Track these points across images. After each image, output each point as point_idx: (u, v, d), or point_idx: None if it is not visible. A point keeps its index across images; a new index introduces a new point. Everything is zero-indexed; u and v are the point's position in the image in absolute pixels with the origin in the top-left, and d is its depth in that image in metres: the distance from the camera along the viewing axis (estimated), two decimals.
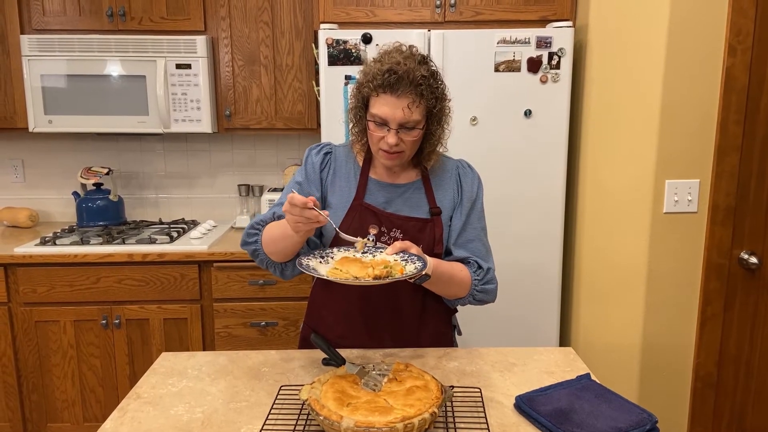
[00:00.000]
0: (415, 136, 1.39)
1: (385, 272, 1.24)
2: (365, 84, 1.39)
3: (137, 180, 3.07)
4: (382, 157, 1.42)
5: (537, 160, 2.41)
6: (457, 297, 1.49)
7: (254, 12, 2.62)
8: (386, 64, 1.35)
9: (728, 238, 2.13)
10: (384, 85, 1.34)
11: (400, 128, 1.36)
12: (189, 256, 2.48)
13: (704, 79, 2.06)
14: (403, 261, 1.32)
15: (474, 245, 1.50)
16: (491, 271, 1.50)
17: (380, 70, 1.35)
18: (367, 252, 1.37)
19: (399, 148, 1.39)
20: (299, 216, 1.25)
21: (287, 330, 2.56)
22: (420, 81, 1.34)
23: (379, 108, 1.36)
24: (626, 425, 1.13)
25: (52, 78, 2.58)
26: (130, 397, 1.30)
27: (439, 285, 1.42)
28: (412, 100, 1.34)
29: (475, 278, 1.46)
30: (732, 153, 2.08)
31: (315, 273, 1.27)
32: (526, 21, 2.50)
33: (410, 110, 1.34)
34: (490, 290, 1.49)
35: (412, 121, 1.36)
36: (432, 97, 1.37)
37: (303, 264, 1.31)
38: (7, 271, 2.46)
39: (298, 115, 2.71)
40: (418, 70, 1.34)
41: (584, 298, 2.46)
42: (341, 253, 1.38)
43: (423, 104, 1.36)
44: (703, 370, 2.23)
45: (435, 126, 1.43)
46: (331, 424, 1.06)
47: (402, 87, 1.33)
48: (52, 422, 2.57)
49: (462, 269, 1.45)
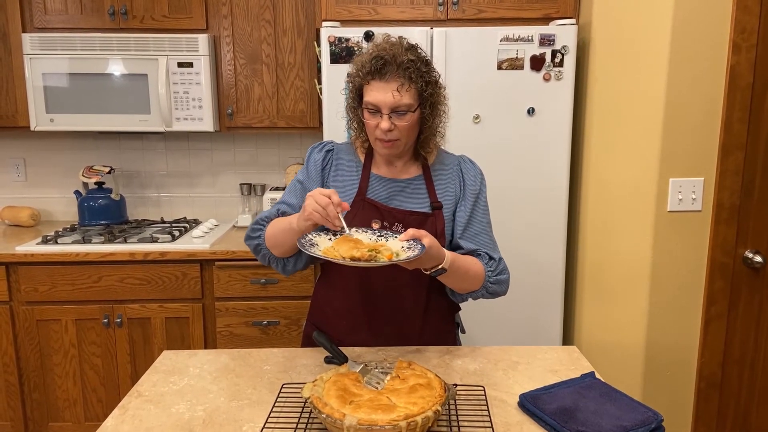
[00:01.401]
0: (408, 120, 1.40)
1: (367, 255, 1.22)
2: (356, 75, 1.43)
3: (139, 179, 3.07)
4: (380, 146, 1.44)
5: (540, 158, 2.40)
6: (471, 291, 1.47)
7: (256, 10, 2.62)
8: (374, 53, 1.39)
9: (733, 236, 2.12)
10: (372, 71, 1.38)
11: (392, 113, 1.38)
12: (191, 255, 2.47)
13: (708, 77, 2.05)
14: (409, 249, 1.29)
15: (481, 238, 1.50)
16: (503, 262, 1.50)
17: (368, 59, 1.39)
18: (383, 236, 1.36)
19: (394, 135, 1.40)
20: (323, 209, 1.28)
21: (289, 329, 2.55)
22: (407, 65, 1.37)
23: (370, 95, 1.39)
24: (631, 424, 1.12)
25: (53, 77, 2.57)
26: (132, 395, 1.29)
27: (454, 279, 1.42)
28: (401, 83, 1.36)
29: (488, 270, 1.46)
30: (736, 151, 2.07)
31: (308, 249, 1.27)
32: (529, 19, 2.49)
33: (399, 93, 1.36)
34: (503, 281, 1.49)
35: (403, 105, 1.37)
36: (421, 81, 1.39)
37: (306, 237, 1.31)
38: (9, 270, 2.46)
39: (300, 114, 2.71)
40: (404, 55, 1.37)
41: (588, 297, 2.45)
42: (352, 233, 1.37)
43: (413, 88, 1.38)
44: (707, 370, 2.22)
45: (428, 111, 1.43)
46: (333, 422, 1.05)
47: (389, 71, 1.36)
48: (54, 421, 2.57)
49: (476, 262, 1.45)
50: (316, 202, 1.29)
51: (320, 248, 1.30)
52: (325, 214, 1.28)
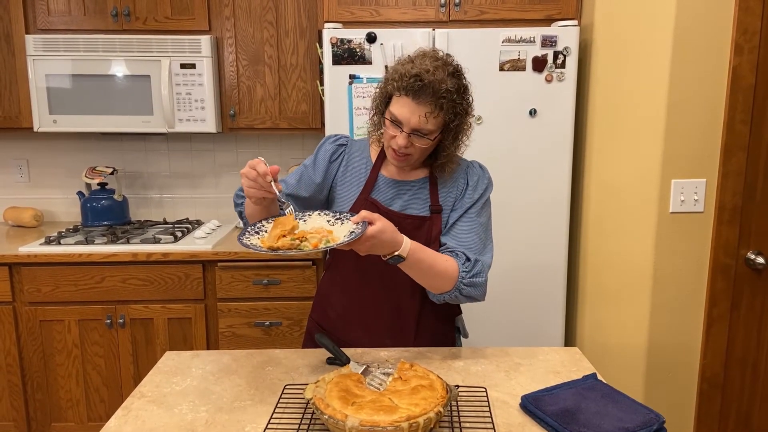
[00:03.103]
0: (426, 144, 1.39)
1: (288, 244, 1.21)
2: (391, 81, 1.39)
3: (142, 180, 3.07)
4: (391, 155, 1.44)
5: (542, 159, 2.40)
6: (442, 290, 1.40)
7: (258, 12, 2.62)
8: (416, 68, 1.34)
9: (735, 238, 2.12)
10: (407, 88, 1.34)
11: (412, 133, 1.37)
12: (193, 256, 2.48)
13: (711, 79, 2.05)
14: (351, 236, 1.22)
15: (468, 237, 1.45)
16: (480, 264, 1.41)
17: (408, 72, 1.34)
18: (339, 219, 1.33)
19: (408, 151, 1.40)
20: (253, 181, 1.28)
21: (291, 330, 2.56)
22: (444, 93, 1.33)
23: (398, 109, 1.36)
24: (633, 425, 1.12)
25: (56, 78, 2.58)
26: (134, 396, 1.29)
27: (417, 272, 1.36)
28: (430, 110, 1.34)
29: (462, 270, 1.38)
30: (738, 152, 2.07)
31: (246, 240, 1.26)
32: (531, 20, 2.49)
33: (426, 119, 1.35)
34: (479, 284, 1.40)
35: (426, 129, 1.36)
36: (452, 112, 1.37)
37: (246, 243, 1.27)
38: (12, 271, 2.46)
39: (303, 115, 2.71)
40: (444, 82, 1.33)
41: (589, 298, 2.45)
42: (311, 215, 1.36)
43: (441, 116, 1.36)
44: (710, 371, 2.22)
45: (449, 139, 1.42)
46: (335, 423, 1.05)
47: (424, 95, 1.33)
48: (57, 421, 2.57)
49: (447, 260, 1.39)
50: (247, 178, 1.28)
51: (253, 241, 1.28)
52: (258, 186, 1.28)
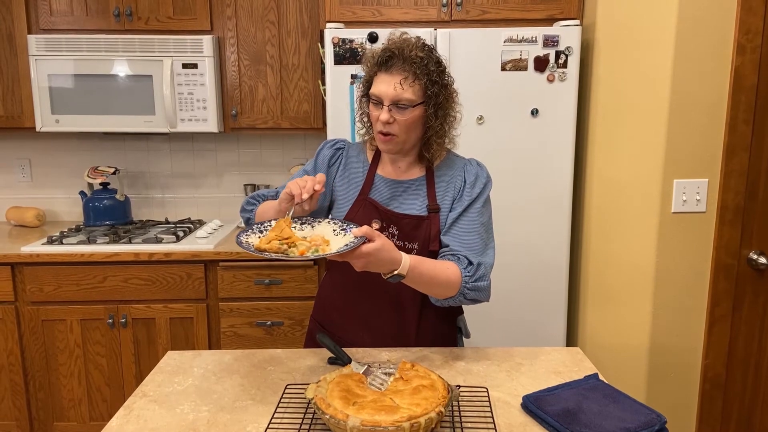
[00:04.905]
0: (408, 115, 1.39)
1: (276, 247, 1.22)
2: (365, 67, 1.46)
3: (144, 179, 3.08)
4: (379, 141, 1.45)
5: (544, 159, 2.40)
6: (445, 297, 1.40)
7: (260, 11, 2.63)
8: (384, 46, 1.42)
9: (737, 238, 2.11)
10: (379, 62, 1.40)
11: (392, 105, 1.38)
12: (195, 256, 2.48)
13: (713, 78, 2.05)
14: (342, 248, 1.22)
15: (470, 238, 1.44)
16: (482, 267, 1.40)
17: (379, 51, 1.42)
18: (345, 230, 1.32)
19: (393, 129, 1.40)
20: (303, 181, 1.32)
21: (293, 330, 2.56)
22: (414, 59, 1.37)
23: (376, 86, 1.41)
24: (635, 426, 1.12)
25: (59, 78, 2.59)
26: (136, 396, 1.30)
27: (419, 285, 1.35)
28: (404, 77, 1.37)
29: (465, 275, 1.37)
30: (741, 152, 2.06)
31: (244, 245, 1.26)
32: (532, 20, 2.49)
33: (402, 87, 1.37)
34: (483, 288, 1.39)
35: (404, 99, 1.38)
36: (426, 78, 1.38)
37: (240, 241, 1.27)
38: (14, 270, 2.47)
39: (304, 115, 2.71)
40: (413, 50, 1.38)
41: (591, 298, 2.45)
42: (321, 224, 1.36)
43: (417, 84, 1.38)
44: (712, 372, 2.21)
45: (431, 111, 1.42)
46: (337, 423, 1.06)
47: (395, 63, 1.38)
48: (59, 421, 2.58)
49: (448, 267, 1.37)
50: (297, 183, 1.32)
51: (251, 240, 1.29)
52: (303, 183, 1.31)
